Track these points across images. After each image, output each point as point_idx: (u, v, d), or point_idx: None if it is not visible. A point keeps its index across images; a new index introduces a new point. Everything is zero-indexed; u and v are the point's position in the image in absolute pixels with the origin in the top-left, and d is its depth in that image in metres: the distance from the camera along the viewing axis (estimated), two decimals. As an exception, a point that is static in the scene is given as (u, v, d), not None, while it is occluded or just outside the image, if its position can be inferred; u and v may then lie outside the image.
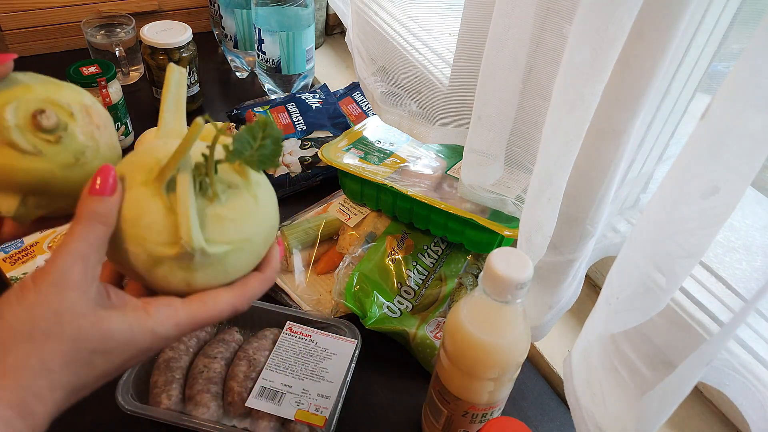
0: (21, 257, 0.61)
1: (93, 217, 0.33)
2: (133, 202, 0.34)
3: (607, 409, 0.49)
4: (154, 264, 0.34)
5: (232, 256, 0.36)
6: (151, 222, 0.34)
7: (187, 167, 0.35)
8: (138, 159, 0.36)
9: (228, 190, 0.36)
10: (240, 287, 0.37)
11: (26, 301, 0.31)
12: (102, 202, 0.33)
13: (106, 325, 0.32)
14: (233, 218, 0.36)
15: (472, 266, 0.72)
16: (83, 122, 0.35)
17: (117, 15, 1.00)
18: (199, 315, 0.35)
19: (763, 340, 0.50)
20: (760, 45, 0.31)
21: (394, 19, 0.87)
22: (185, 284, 0.35)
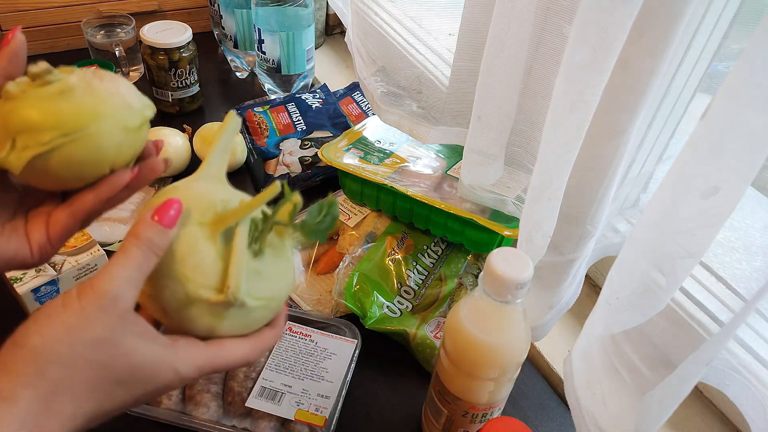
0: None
1: (150, 246, 0.32)
2: (186, 239, 0.34)
3: (607, 409, 0.49)
4: (188, 304, 0.34)
5: (258, 312, 0.37)
6: (200, 264, 0.34)
7: (246, 222, 0.36)
8: (194, 197, 0.36)
9: (268, 249, 0.38)
10: (255, 340, 0.38)
11: (68, 321, 0.30)
12: (162, 233, 0.33)
13: (135, 358, 0.32)
14: (269, 277, 0.37)
15: (472, 266, 0.72)
16: (82, 74, 0.35)
17: (117, 15, 0.99)
18: (217, 361, 0.35)
19: (763, 340, 0.50)
20: (760, 45, 0.31)
21: (394, 19, 0.87)
22: (208, 330, 0.36)
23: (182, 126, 0.90)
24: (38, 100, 0.33)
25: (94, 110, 0.34)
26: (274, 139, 0.88)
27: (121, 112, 0.35)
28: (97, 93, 0.35)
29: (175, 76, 0.92)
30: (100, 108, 0.35)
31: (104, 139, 0.35)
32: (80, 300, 0.30)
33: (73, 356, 0.30)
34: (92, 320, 0.30)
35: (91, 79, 0.35)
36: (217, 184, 0.39)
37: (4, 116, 0.34)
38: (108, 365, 0.31)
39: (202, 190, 0.38)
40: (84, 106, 0.34)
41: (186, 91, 0.94)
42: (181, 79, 0.92)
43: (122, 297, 0.31)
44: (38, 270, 0.60)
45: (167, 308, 0.35)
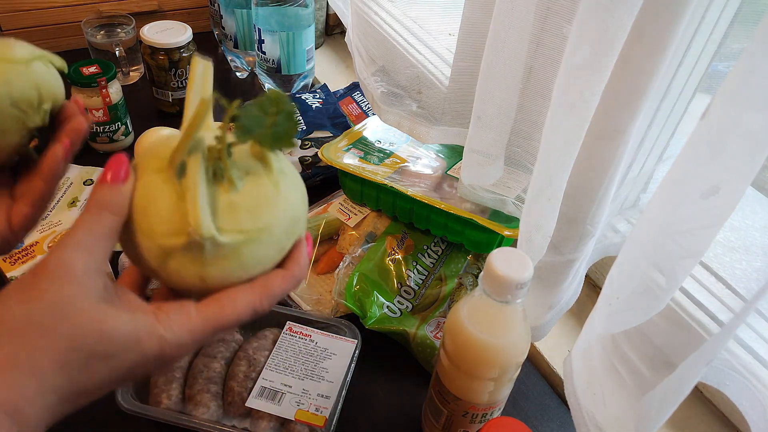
0: (21, 257, 0.61)
1: (102, 206, 0.31)
2: (144, 190, 0.32)
3: (607, 409, 0.49)
4: (165, 257, 0.32)
5: (248, 247, 0.32)
6: (160, 210, 0.32)
7: (198, 150, 0.32)
8: (154, 147, 0.34)
9: (246, 177, 0.33)
10: (260, 285, 0.33)
11: (23, 295, 0.28)
12: (111, 189, 0.31)
13: (108, 325, 0.29)
14: (248, 206, 0.33)
15: (472, 266, 0.72)
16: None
17: (117, 15, 1.00)
18: (215, 319, 0.32)
19: (763, 340, 0.50)
20: (760, 45, 0.31)
21: (394, 19, 0.87)
22: (199, 279, 0.32)
23: (182, 126, 0.89)
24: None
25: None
26: (274, 139, 0.88)
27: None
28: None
29: (175, 76, 0.92)
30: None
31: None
32: (33, 274, 0.29)
33: (28, 326, 0.28)
34: (44, 289, 0.28)
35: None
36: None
37: None
38: (74, 335, 0.28)
39: (165, 136, 0.36)
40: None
41: (186, 91, 0.94)
42: (181, 79, 0.92)
43: (74, 261, 0.29)
44: None
45: (153, 268, 0.33)
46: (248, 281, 0.33)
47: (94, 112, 0.82)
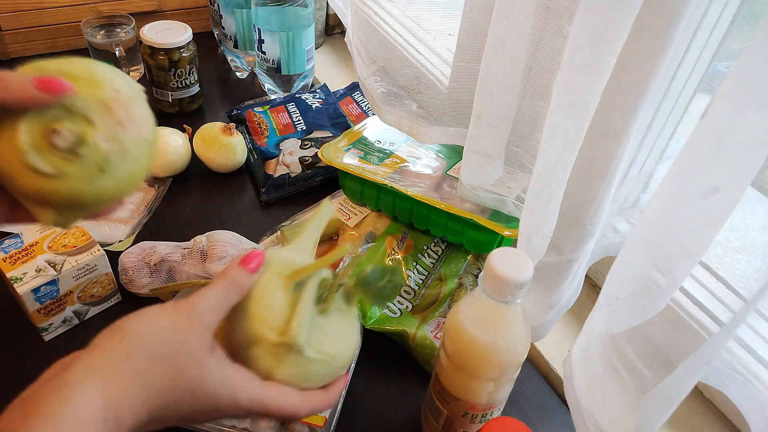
0: (21, 257, 0.61)
1: (235, 284, 0.38)
2: (264, 284, 0.39)
3: (607, 409, 0.49)
4: (254, 342, 0.38)
5: (316, 365, 0.39)
6: (271, 306, 0.38)
7: (317, 278, 0.41)
8: (278, 256, 0.42)
9: (335, 310, 0.42)
10: (307, 396, 0.40)
11: (160, 323, 0.34)
12: (247, 276, 0.38)
13: (205, 373, 0.35)
14: (332, 335, 0.41)
15: (472, 266, 0.72)
16: (104, 125, 0.33)
17: (117, 15, 0.99)
18: (269, 401, 0.37)
19: (763, 340, 0.50)
20: (760, 45, 0.31)
21: (393, 19, 0.87)
22: (267, 371, 0.38)
23: (182, 126, 0.89)
24: (82, 183, 0.33)
25: (132, 176, 0.36)
26: (274, 139, 0.88)
27: (147, 156, 0.36)
28: (129, 154, 0.34)
29: (175, 76, 0.92)
30: (136, 170, 0.36)
31: (139, 182, 0.38)
32: (175, 309, 0.35)
33: (158, 352, 0.33)
34: (182, 328, 0.35)
35: (116, 131, 0.33)
36: (305, 254, 0.45)
37: (47, 193, 0.33)
38: (183, 371, 0.34)
39: (288, 254, 0.44)
40: (123, 177, 0.35)
41: (186, 91, 0.94)
42: (181, 79, 0.92)
43: (207, 315, 0.36)
44: (38, 270, 0.60)
45: (237, 342, 0.39)
46: (300, 389, 0.40)
47: (94, 112, 0.82)
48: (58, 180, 0.32)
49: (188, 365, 0.34)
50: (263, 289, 0.39)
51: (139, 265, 0.68)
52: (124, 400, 0.32)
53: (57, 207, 0.34)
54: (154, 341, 0.34)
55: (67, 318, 0.64)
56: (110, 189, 0.34)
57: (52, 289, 0.61)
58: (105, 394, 0.31)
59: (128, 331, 0.34)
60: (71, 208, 0.35)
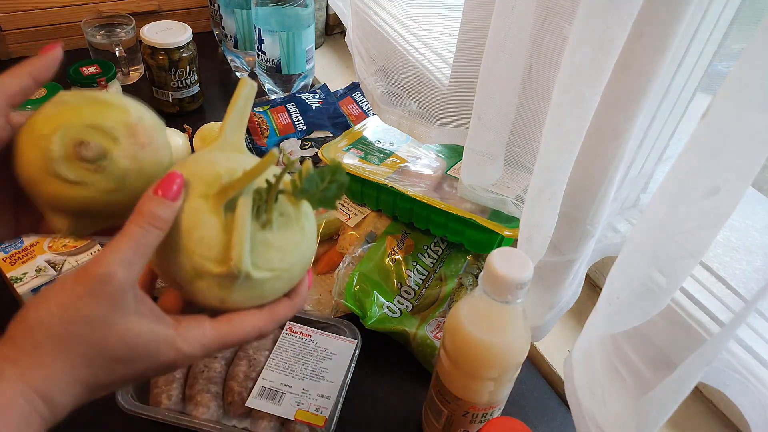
0: (21, 257, 0.61)
1: (151, 220, 0.33)
2: (190, 212, 0.35)
3: (607, 409, 0.49)
4: (196, 277, 0.35)
5: (270, 282, 0.37)
6: (204, 237, 0.35)
7: (249, 192, 0.36)
8: (200, 169, 0.37)
9: (279, 218, 0.37)
10: (269, 312, 0.37)
11: (62, 302, 0.32)
12: (164, 205, 0.33)
13: (132, 337, 0.33)
14: (280, 247, 0.37)
15: (472, 266, 0.72)
16: (127, 145, 0.36)
17: (117, 15, 1.00)
18: (226, 337, 0.36)
19: (763, 340, 0.50)
20: (760, 45, 0.31)
21: (394, 19, 0.87)
22: (219, 301, 0.36)
23: (182, 126, 0.90)
24: (100, 193, 0.36)
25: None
26: (274, 139, 0.88)
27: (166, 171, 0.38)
28: (145, 173, 0.37)
29: (175, 76, 0.92)
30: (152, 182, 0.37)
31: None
32: (74, 282, 0.32)
33: (65, 334, 0.32)
34: (83, 301, 0.32)
35: (137, 151, 0.36)
36: (233, 153, 0.39)
37: (67, 199, 0.35)
38: (101, 344, 0.32)
39: (210, 160, 0.38)
40: (136, 194, 0.36)
41: (186, 91, 0.94)
42: (181, 79, 0.92)
43: (114, 277, 0.32)
44: (38, 270, 0.60)
45: (179, 281, 0.36)
46: (259, 306, 0.37)
47: (94, 112, 0.82)
48: (78, 187, 0.35)
49: (105, 337, 0.32)
50: (190, 218, 0.35)
51: (139, 265, 0.67)
52: (49, 382, 0.31)
53: (73, 215, 0.36)
54: (57, 323, 0.32)
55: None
56: (123, 203, 0.36)
57: (52, 289, 0.60)
58: (25, 379, 0.31)
59: (31, 321, 0.32)
60: (86, 218, 0.37)
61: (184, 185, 0.35)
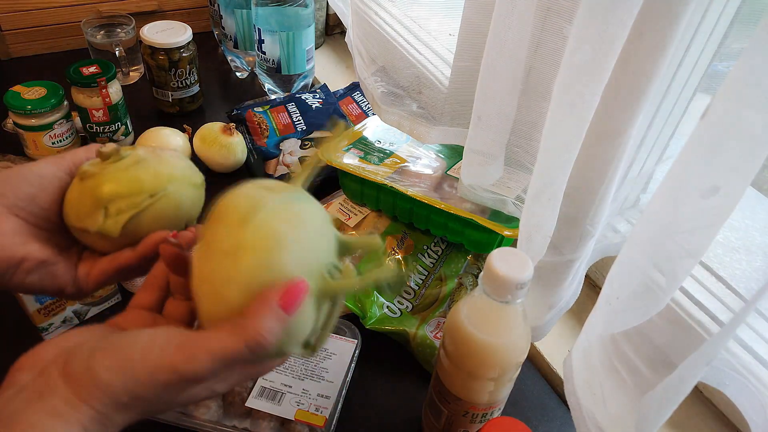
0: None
1: (257, 341, 0.31)
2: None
3: (607, 409, 0.49)
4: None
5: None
6: (302, 329, 0.35)
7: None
8: (308, 258, 0.34)
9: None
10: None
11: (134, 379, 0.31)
12: (283, 321, 0.31)
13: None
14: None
15: (472, 266, 0.72)
16: (144, 148, 0.41)
17: (117, 15, 1.00)
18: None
19: (763, 340, 0.50)
20: (760, 45, 0.31)
21: (394, 19, 0.87)
22: None
23: (182, 126, 0.90)
24: (119, 172, 0.39)
25: (169, 173, 0.40)
26: (274, 139, 0.88)
27: (188, 173, 0.42)
28: (166, 160, 0.41)
29: (175, 76, 0.92)
30: (173, 171, 0.41)
31: (181, 195, 0.41)
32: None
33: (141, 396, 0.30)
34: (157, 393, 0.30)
35: (154, 150, 0.41)
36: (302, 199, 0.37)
37: (90, 191, 0.39)
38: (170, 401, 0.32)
39: (310, 245, 0.34)
40: (160, 171, 0.40)
41: (186, 91, 0.94)
42: (181, 79, 0.92)
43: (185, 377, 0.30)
44: (64, 321, 0.62)
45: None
46: None
47: (94, 112, 0.82)
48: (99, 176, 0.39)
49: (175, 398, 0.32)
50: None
51: (139, 265, 0.68)
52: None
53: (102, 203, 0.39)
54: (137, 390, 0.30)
55: (67, 318, 0.64)
56: (149, 179, 0.39)
57: (52, 289, 0.61)
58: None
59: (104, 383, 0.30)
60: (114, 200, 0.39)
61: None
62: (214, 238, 0.33)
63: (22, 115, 0.77)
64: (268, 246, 0.31)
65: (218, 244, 0.32)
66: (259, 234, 0.31)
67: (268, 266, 0.31)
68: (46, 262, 0.38)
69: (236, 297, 0.31)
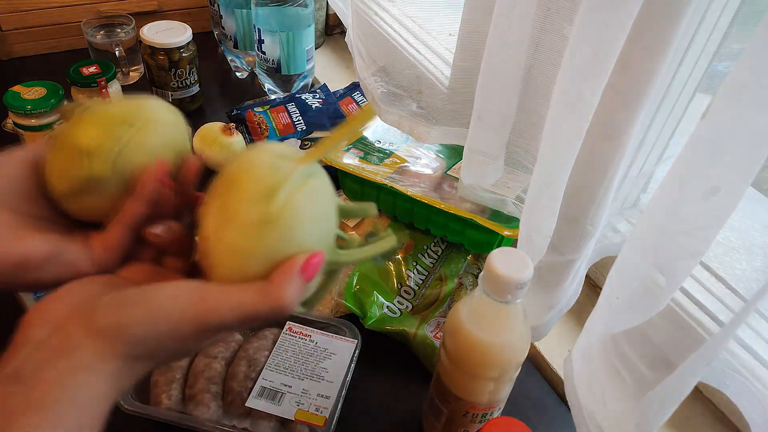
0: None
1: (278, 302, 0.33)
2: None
3: (607, 409, 0.49)
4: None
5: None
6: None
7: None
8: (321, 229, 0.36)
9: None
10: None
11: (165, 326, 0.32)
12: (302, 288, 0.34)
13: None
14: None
15: (472, 266, 0.72)
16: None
17: (117, 15, 1.00)
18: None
19: (763, 340, 0.50)
20: (760, 45, 0.31)
21: (394, 19, 0.87)
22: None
23: (182, 126, 0.89)
24: (90, 119, 0.37)
25: (139, 104, 0.38)
26: (274, 139, 0.88)
27: (158, 102, 0.40)
28: (131, 99, 0.39)
29: (175, 76, 0.92)
30: (143, 102, 0.39)
31: (163, 121, 0.39)
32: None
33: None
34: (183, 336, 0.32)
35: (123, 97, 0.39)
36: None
37: (68, 146, 0.37)
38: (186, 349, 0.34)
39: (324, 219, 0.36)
40: (131, 106, 0.38)
41: (186, 91, 0.94)
42: (181, 79, 0.92)
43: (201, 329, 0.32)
44: None
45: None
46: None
47: (94, 112, 0.82)
48: (74, 126, 0.37)
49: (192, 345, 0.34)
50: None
51: (139, 265, 0.67)
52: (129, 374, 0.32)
53: (81, 151, 0.36)
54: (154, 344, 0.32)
55: None
56: (123, 113, 0.37)
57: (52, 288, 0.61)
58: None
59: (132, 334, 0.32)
60: (99, 146, 0.36)
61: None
62: (234, 206, 0.34)
63: (22, 115, 0.77)
64: (291, 223, 0.33)
65: (241, 215, 0.33)
66: (285, 210, 0.33)
67: (290, 240, 0.34)
68: (53, 253, 0.36)
69: (258, 268, 0.33)
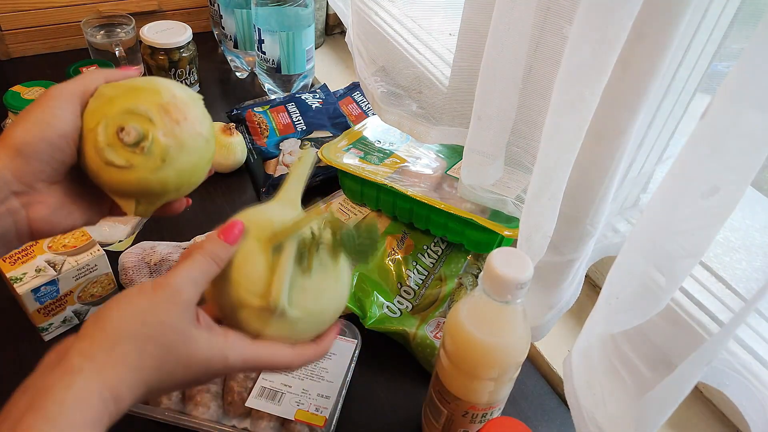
0: (21, 257, 0.61)
1: (213, 256, 0.39)
2: (244, 251, 0.40)
3: (607, 409, 0.49)
4: (239, 307, 0.40)
5: (302, 323, 0.41)
6: (251, 272, 0.40)
7: (295, 239, 0.41)
8: (257, 217, 0.42)
9: (318, 267, 0.42)
10: (299, 350, 0.41)
11: (140, 305, 0.36)
12: (224, 248, 0.39)
13: (193, 345, 0.37)
14: (315, 291, 0.41)
15: (472, 266, 0.72)
16: (162, 123, 0.39)
17: (117, 15, 0.99)
18: (261, 358, 0.39)
19: (763, 340, 0.50)
20: (760, 45, 0.31)
21: (394, 19, 0.87)
22: (256, 333, 0.40)
23: (182, 126, 0.89)
24: (149, 172, 0.39)
25: (192, 166, 0.41)
26: (274, 139, 0.88)
27: (204, 149, 0.42)
28: (187, 146, 0.40)
29: (175, 76, 0.92)
30: (194, 160, 0.41)
31: (201, 173, 0.43)
32: (154, 289, 0.36)
33: (141, 333, 0.35)
34: (160, 307, 0.36)
35: (173, 128, 0.40)
36: (288, 208, 0.45)
37: (122, 182, 0.40)
38: (171, 347, 0.36)
39: (266, 210, 0.43)
40: (183, 167, 0.40)
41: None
42: (181, 79, 0.93)
43: (185, 291, 0.37)
44: (38, 270, 0.60)
45: (224, 309, 0.40)
46: (292, 343, 0.42)
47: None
48: (128, 171, 0.39)
49: (174, 341, 0.36)
50: (243, 255, 0.40)
51: (139, 265, 0.68)
52: (121, 381, 0.34)
53: (134, 195, 0.41)
54: (136, 323, 0.35)
55: (68, 318, 0.64)
56: (173, 178, 0.40)
57: (52, 289, 0.61)
58: (101, 378, 0.33)
59: (110, 319, 0.35)
60: (145, 197, 0.41)
61: (243, 232, 0.40)
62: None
63: (22, 115, 0.77)
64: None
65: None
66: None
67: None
68: (86, 223, 0.43)
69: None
